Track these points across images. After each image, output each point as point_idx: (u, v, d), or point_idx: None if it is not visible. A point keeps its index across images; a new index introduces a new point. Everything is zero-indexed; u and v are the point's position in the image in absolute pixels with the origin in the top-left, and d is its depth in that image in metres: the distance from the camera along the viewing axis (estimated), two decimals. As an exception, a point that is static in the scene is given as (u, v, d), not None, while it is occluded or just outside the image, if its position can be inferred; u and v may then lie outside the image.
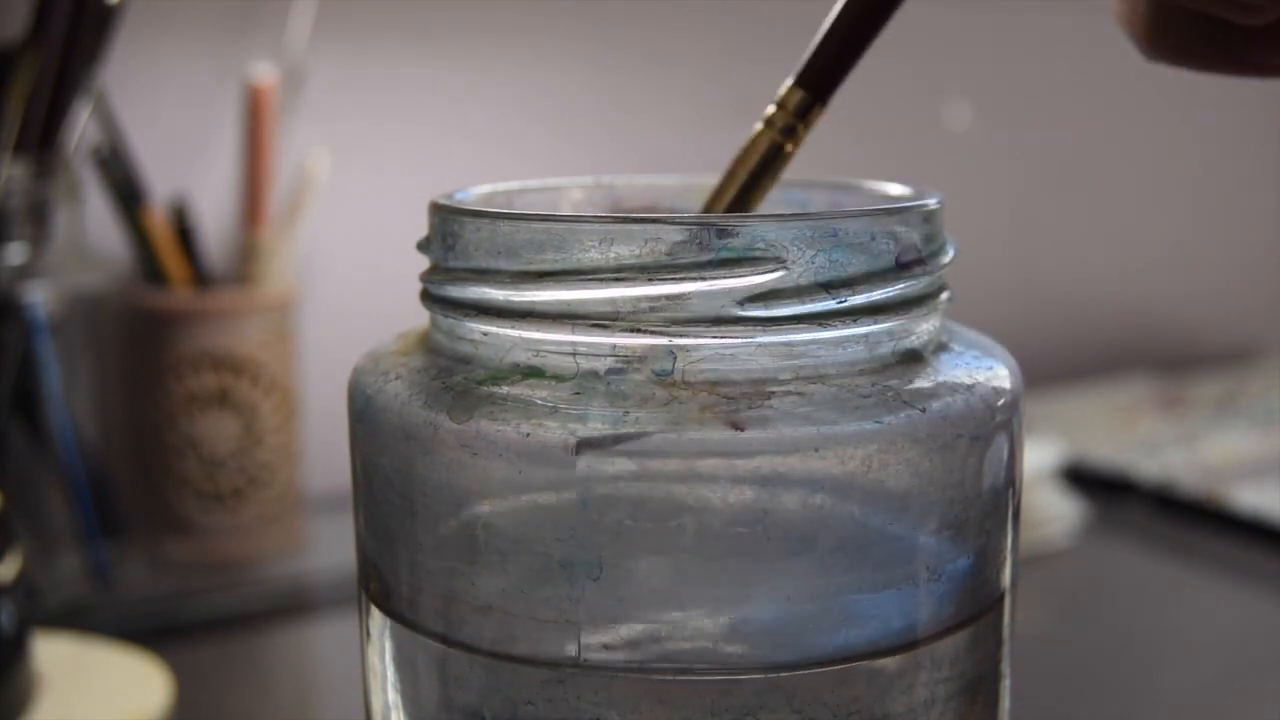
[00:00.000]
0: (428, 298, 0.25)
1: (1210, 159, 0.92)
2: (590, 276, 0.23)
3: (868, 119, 0.76)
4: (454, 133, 0.66)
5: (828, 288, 0.23)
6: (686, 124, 0.71)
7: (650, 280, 0.23)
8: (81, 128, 0.51)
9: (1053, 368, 0.84)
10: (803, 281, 0.23)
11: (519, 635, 0.23)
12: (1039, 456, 0.59)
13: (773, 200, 0.31)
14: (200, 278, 0.56)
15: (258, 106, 0.56)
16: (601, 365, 0.23)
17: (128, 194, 0.54)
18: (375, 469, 0.25)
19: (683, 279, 0.22)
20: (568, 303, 0.23)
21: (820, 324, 0.23)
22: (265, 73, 0.57)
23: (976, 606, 0.24)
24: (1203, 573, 0.58)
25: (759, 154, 0.27)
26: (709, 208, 0.28)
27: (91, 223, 0.55)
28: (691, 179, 0.31)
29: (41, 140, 0.49)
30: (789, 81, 0.27)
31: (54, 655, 0.43)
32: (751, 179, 0.27)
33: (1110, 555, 0.60)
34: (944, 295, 0.25)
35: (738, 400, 0.22)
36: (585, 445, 0.22)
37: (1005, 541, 0.25)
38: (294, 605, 0.54)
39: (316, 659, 0.52)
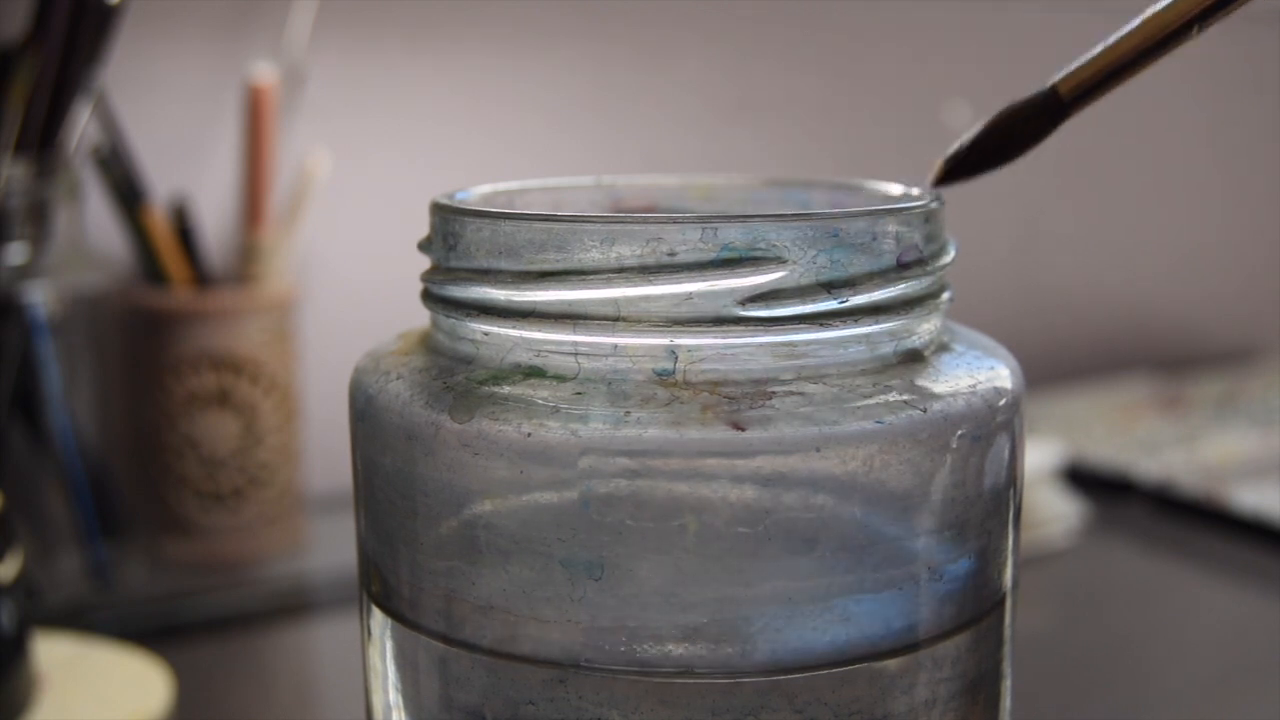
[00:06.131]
0: (429, 298, 0.25)
1: (1210, 159, 0.92)
2: (592, 276, 0.23)
3: (868, 119, 0.76)
4: (454, 132, 0.66)
5: (829, 288, 0.23)
6: (687, 123, 0.71)
7: (651, 280, 0.23)
8: (81, 128, 0.51)
9: (1053, 368, 0.84)
10: (804, 281, 0.23)
11: (520, 635, 0.23)
12: (1039, 456, 0.59)
13: (773, 200, 0.31)
14: (200, 278, 0.56)
15: (258, 106, 0.56)
16: (603, 365, 0.23)
17: (128, 194, 0.54)
18: (376, 469, 0.25)
19: (684, 279, 0.22)
20: (569, 303, 0.23)
21: (821, 324, 0.23)
22: (265, 73, 0.57)
23: (978, 607, 0.24)
24: (1203, 573, 0.58)
25: (1164, 25, 0.25)
26: (1078, 70, 0.26)
27: (91, 223, 0.55)
28: (691, 179, 0.31)
29: (41, 140, 0.49)
30: None
31: (54, 655, 0.43)
32: (1145, 48, 0.25)
33: (1110, 555, 0.60)
34: (945, 295, 0.25)
35: (739, 400, 0.22)
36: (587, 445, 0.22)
37: (1006, 542, 0.25)
38: (294, 605, 0.54)
39: (316, 659, 0.52)
